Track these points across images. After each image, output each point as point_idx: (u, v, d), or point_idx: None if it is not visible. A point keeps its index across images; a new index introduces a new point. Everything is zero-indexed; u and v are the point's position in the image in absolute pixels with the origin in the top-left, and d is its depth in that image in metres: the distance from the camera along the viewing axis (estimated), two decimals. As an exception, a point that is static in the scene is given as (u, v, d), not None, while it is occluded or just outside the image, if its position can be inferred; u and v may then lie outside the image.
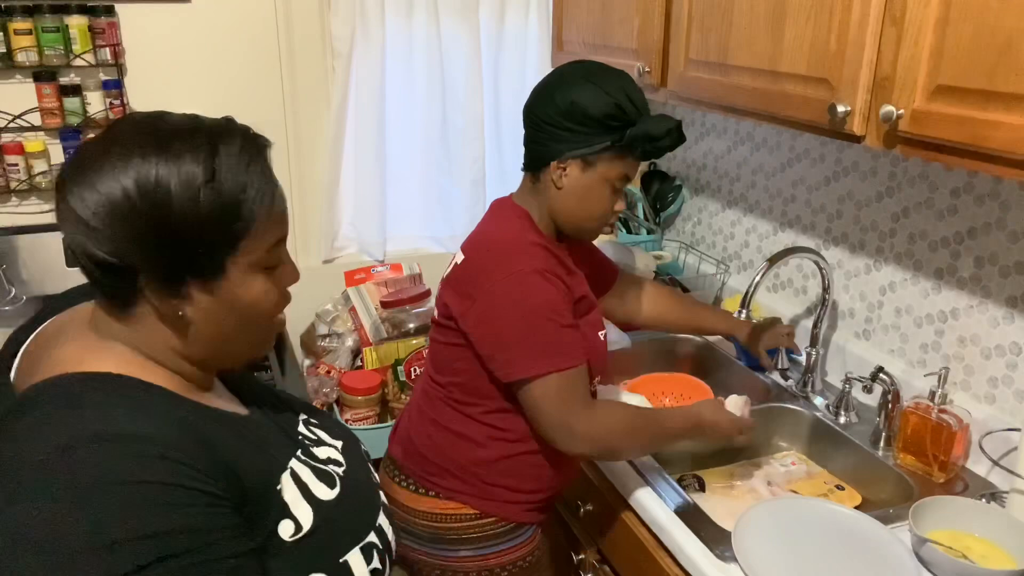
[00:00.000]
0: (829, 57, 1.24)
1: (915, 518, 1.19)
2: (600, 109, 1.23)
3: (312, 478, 0.84)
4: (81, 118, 1.96)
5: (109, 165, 0.71)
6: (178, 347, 0.78)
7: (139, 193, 0.70)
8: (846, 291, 1.72)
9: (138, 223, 0.70)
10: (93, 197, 0.70)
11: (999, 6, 0.97)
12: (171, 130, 0.74)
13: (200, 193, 0.71)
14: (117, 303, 0.76)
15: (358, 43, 2.14)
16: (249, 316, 0.79)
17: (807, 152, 1.80)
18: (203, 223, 0.72)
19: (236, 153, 0.75)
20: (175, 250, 0.72)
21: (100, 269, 0.73)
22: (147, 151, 0.71)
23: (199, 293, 0.75)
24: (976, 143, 1.02)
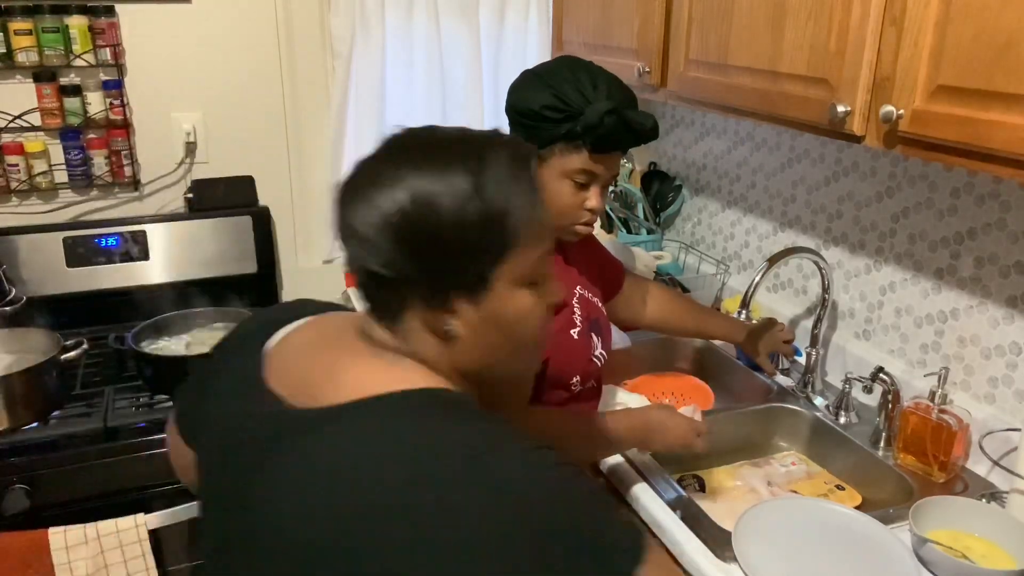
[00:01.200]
0: (829, 57, 1.24)
1: (915, 518, 1.19)
2: (539, 101, 1.20)
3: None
4: (81, 118, 1.96)
5: (385, 180, 0.73)
6: (450, 360, 0.78)
7: (412, 206, 0.71)
8: (846, 291, 1.72)
9: (410, 236, 0.72)
10: (369, 213, 0.72)
11: (999, 6, 0.97)
12: (439, 142, 0.75)
13: (468, 205, 0.71)
14: (391, 315, 0.77)
15: (358, 43, 2.14)
16: (515, 332, 0.79)
17: (807, 152, 1.80)
18: (470, 235, 0.72)
19: (503, 165, 0.74)
20: (444, 263, 0.73)
21: (373, 282, 0.75)
22: (419, 165, 0.73)
23: (466, 307, 0.75)
24: (976, 143, 1.02)
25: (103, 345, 1.83)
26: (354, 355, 0.78)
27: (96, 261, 1.99)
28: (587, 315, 1.37)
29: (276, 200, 2.20)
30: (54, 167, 1.99)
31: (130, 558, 1.52)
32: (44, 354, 1.61)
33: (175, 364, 1.74)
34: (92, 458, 1.57)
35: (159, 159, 2.09)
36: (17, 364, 1.63)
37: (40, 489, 1.53)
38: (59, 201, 2.03)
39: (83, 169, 2.00)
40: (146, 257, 2.03)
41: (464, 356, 0.78)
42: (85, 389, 1.74)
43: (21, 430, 1.56)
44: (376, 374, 0.75)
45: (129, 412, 1.66)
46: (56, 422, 1.60)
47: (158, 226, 2.04)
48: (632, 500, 1.37)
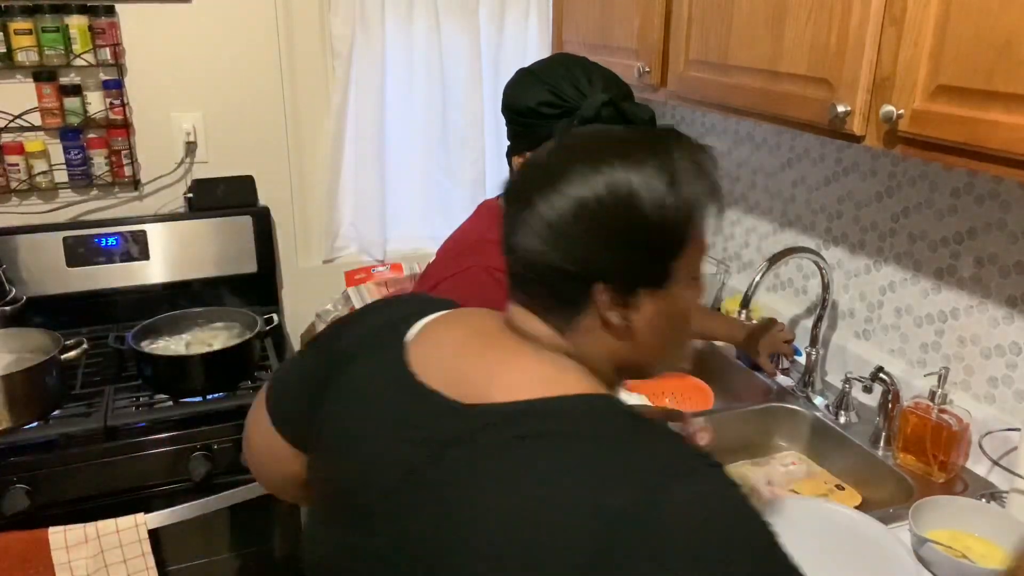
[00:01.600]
0: (829, 57, 1.24)
1: (915, 518, 1.19)
2: (535, 98, 1.20)
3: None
4: (81, 118, 1.96)
5: (577, 172, 0.71)
6: (616, 358, 0.76)
7: (610, 198, 0.70)
8: (846, 291, 1.72)
9: (608, 227, 0.70)
10: (562, 202, 0.70)
11: (999, 6, 0.97)
12: (626, 139, 0.74)
13: (665, 199, 0.71)
14: (561, 314, 0.74)
15: (358, 43, 2.14)
16: (682, 326, 0.78)
17: (807, 152, 1.80)
18: (665, 229, 0.71)
19: (689, 160, 0.74)
20: (638, 256, 0.72)
21: (555, 277, 0.72)
22: (612, 159, 0.71)
23: (648, 301, 0.74)
24: (976, 143, 1.02)
25: (103, 345, 1.83)
26: (517, 353, 0.75)
27: (96, 261, 1.99)
28: None
29: (276, 200, 2.20)
30: (54, 167, 1.99)
31: (130, 558, 1.52)
32: (44, 354, 1.61)
33: (175, 364, 1.74)
34: (92, 458, 1.57)
35: (159, 159, 2.08)
36: (17, 364, 1.63)
37: (40, 489, 1.53)
38: (59, 201, 2.03)
39: (83, 169, 2.00)
40: (146, 257, 2.03)
41: (633, 351, 0.76)
42: (85, 389, 1.74)
43: (21, 430, 1.56)
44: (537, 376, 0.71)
45: (129, 412, 1.66)
46: (56, 422, 1.60)
47: (158, 226, 2.04)
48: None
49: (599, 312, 0.73)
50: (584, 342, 0.75)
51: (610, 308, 0.73)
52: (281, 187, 2.21)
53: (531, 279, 0.74)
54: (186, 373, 1.73)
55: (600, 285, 0.71)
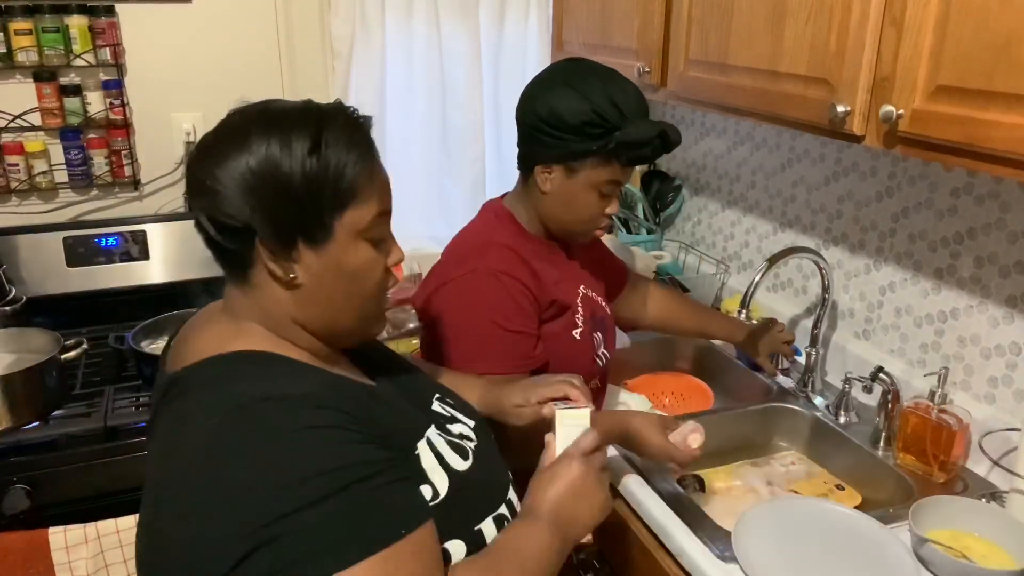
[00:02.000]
0: (829, 57, 1.24)
1: (915, 518, 1.19)
2: (578, 116, 1.21)
3: (447, 449, 0.91)
4: (81, 118, 1.96)
5: (233, 141, 0.82)
6: (294, 313, 0.86)
7: (255, 160, 0.80)
8: (846, 291, 1.72)
9: (253, 185, 0.80)
10: (219, 170, 0.81)
11: (999, 6, 0.97)
12: (283, 111, 0.85)
13: (306, 160, 0.81)
14: (240, 271, 0.85)
15: (358, 43, 2.14)
16: (356, 284, 0.86)
17: (807, 152, 1.80)
18: (308, 185, 0.81)
19: (339, 128, 0.84)
20: (285, 209, 0.81)
21: (222, 232, 0.82)
22: (264, 128, 0.82)
23: (309, 254, 0.83)
24: (976, 143, 1.02)
25: (103, 345, 1.83)
26: (209, 326, 0.89)
27: (96, 261, 1.99)
28: (590, 314, 1.37)
29: (276, 200, 2.20)
30: (54, 167, 1.99)
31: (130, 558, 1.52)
32: (44, 354, 1.61)
33: (175, 364, 1.74)
34: (92, 458, 1.57)
35: (159, 159, 2.08)
36: (17, 364, 1.62)
37: (40, 489, 1.53)
38: (59, 201, 2.03)
39: (83, 169, 2.00)
40: (146, 257, 2.03)
41: (307, 307, 0.86)
42: (85, 389, 1.74)
43: (21, 430, 1.56)
44: (215, 339, 0.85)
45: (129, 412, 1.66)
46: (56, 422, 1.60)
47: (158, 226, 2.04)
48: (632, 500, 1.37)
49: (264, 264, 0.83)
50: (262, 299, 0.86)
51: (272, 260, 0.83)
52: (281, 187, 2.21)
53: (211, 242, 0.84)
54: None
55: (259, 237, 0.82)
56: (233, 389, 0.78)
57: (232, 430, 0.75)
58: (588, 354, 1.36)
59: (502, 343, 1.23)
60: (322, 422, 0.76)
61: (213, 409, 0.77)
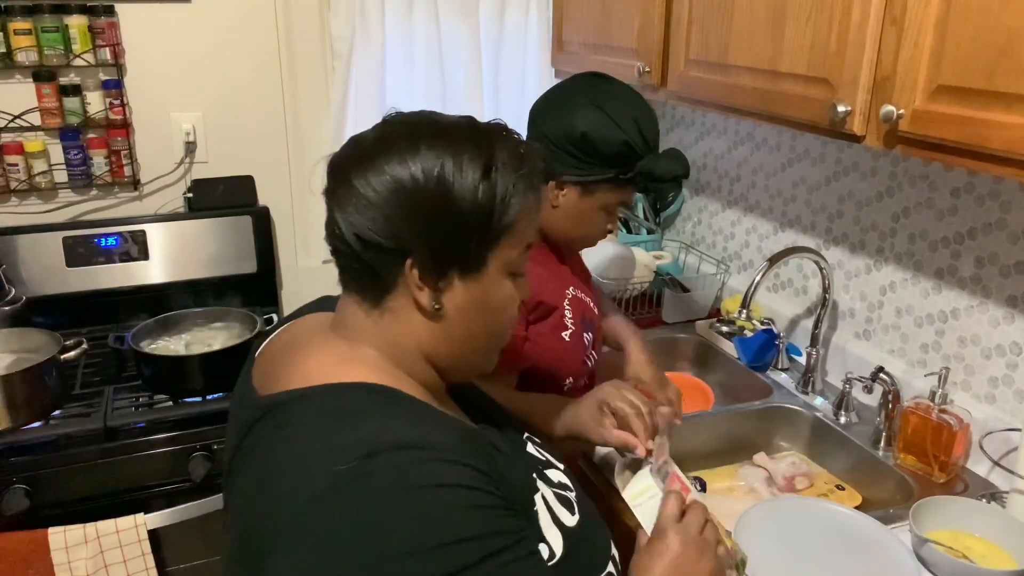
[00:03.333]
0: (829, 57, 1.24)
1: (915, 518, 1.19)
2: (610, 146, 1.22)
3: (555, 502, 0.84)
4: (81, 118, 1.96)
5: (396, 151, 0.75)
6: (426, 346, 0.79)
7: (424, 177, 0.74)
8: (846, 291, 1.72)
9: (420, 206, 0.74)
10: (380, 179, 0.74)
11: (999, 6, 0.97)
12: (451, 126, 0.79)
13: (479, 187, 0.75)
14: (374, 293, 0.78)
15: (358, 43, 2.14)
16: (496, 319, 0.82)
17: (807, 152, 1.80)
18: (477, 214, 0.75)
19: (509, 154, 0.78)
20: (448, 236, 0.75)
21: (369, 251, 0.76)
22: (432, 142, 0.75)
23: (459, 285, 0.78)
24: (976, 143, 1.02)
25: (103, 345, 1.83)
26: (318, 346, 0.81)
27: (96, 261, 1.99)
28: (579, 315, 1.37)
29: (276, 200, 2.20)
30: (54, 167, 1.99)
31: (130, 558, 1.52)
32: (44, 354, 1.61)
33: (175, 364, 1.74)
34: (92, 458, 1.57)
35: (159, 159, 2.08)
36: (17, 364, 1.63)
37: (40, 489, 1.53)
38: (59, 201, 2.03)
39: (83, 169, 2.00)
40: (146, 257, 2.03)
41: (442, 340, 0.79)
42: (85, 389, 1.74)
43: (21, 430, 1.56)
44: (328, 363, 0.77)
45: (129, 412, 1.66)
46: (56, 422, 1.60)
47: (158, 226, 2.04)
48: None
49: (409, 290, 0.77)
50: (394, 323, 0.79)
51: (420, 286, 0.76)
52: (281, 187, 2.21)
53: (349, 255, 0.78)
54: (186, 373, 1.73)
55: (411, 260, 0.75)
56: (361, 429, 0.69)
57: (363, 480, 0.66)
58: (579, 355, 1.36)
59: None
60: (460, 481, 0.68)
61: (338, 450, 0.67)
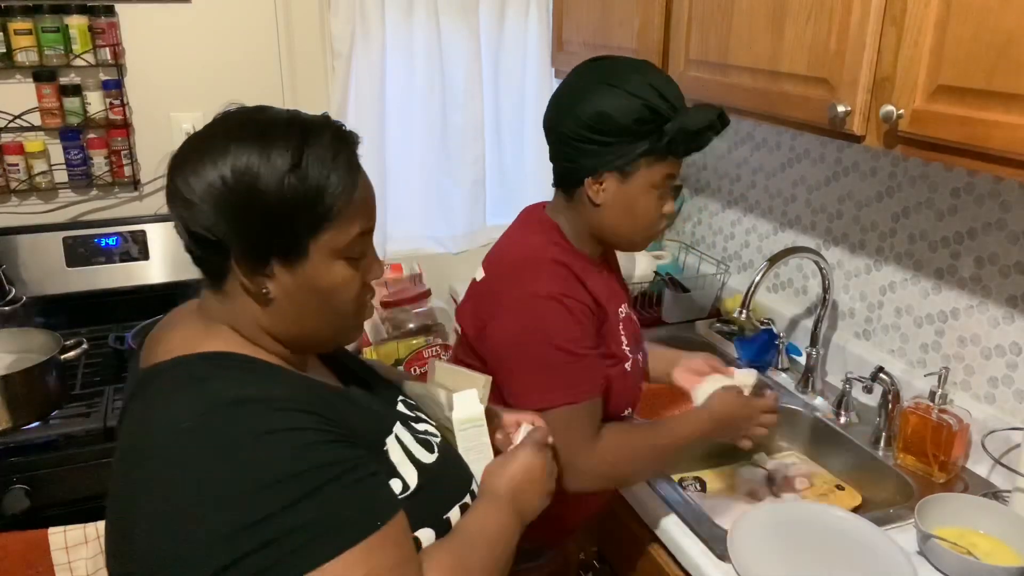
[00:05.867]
0: (829, 57, 1.24)
1: (921, 515, 1.19)
2: (629, 115, 1.12)
3: (414, 443, 0.93)
4: (81, 118, 1.96)
5: (211, 150, 0.80)
6: (265, 324, 0.85)
7: (232, 174, 0.78)
8: (846, 291, 1.72)
9: (229, 201, 0.79)
10: (194, 178, 0.79)
11: (999, 6, 0.97)
12: (268, 121, 0.82)
13: (285, 178, 0.79)
14: (215, 278, 0.85)
15: (358, 43, 2.14)
16: (329, 300, 0.86)
17: (807, 152, 1.80)
18: (286, 205, 0.79)
19: (324, 146, 0.82)
20: (259, 228, 0.80)
21: (196, 243, 0.82)
22: (244, 139, 0.80)
23: (283, 272, 0.82)
24: (976, 143, 1.02)
25: (103, 345, 1.83)
26: (181, 325, 0.88)
27: (96, 261, 1.99)
28: (632, 338, 1.30)
29: (276, 200, 2.20)
30: (54, 167, 1.99)
31: (130, 558, 1.52)
32: (44, 354, 1.61)
33: (175, 364, 1.73)
34: (92, 458, 1.57)
35: (159, 159, 2.08)
36: (17, 364, 1.62)
37: (40, 489, 1.53)
38: (59, 201, 2.03)
39: (83, 169, 2.00)
40: (146, 257, 2.03)
41: (279, 321, 0.85)
42: (85, 389, 1.74)
43: (21, 430, 1.56)
44: (187, 338, 0.85)
45: (129, 412, 1.66)
46: (56, 422, 1.60)
47: (158, 226, 2.04)
48: (633, 501, 1.37)
49: (239, 278, 0.82)
50: (235, 308, 0.85)
51: (245, 275, 0.82)
52: (281, 187, 2.21)
53: (186, 245, 0.84)
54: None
55: (233, 252, 0.81)
56: (204, 390, 0.78)
57: (205, 433, 0.75)
58: (637, 383, 1.30)
59: (581, 367, 1.15)
60: (293, 424, 0.77)
61: (184, 411, 0.77)
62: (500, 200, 2.46)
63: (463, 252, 2.42)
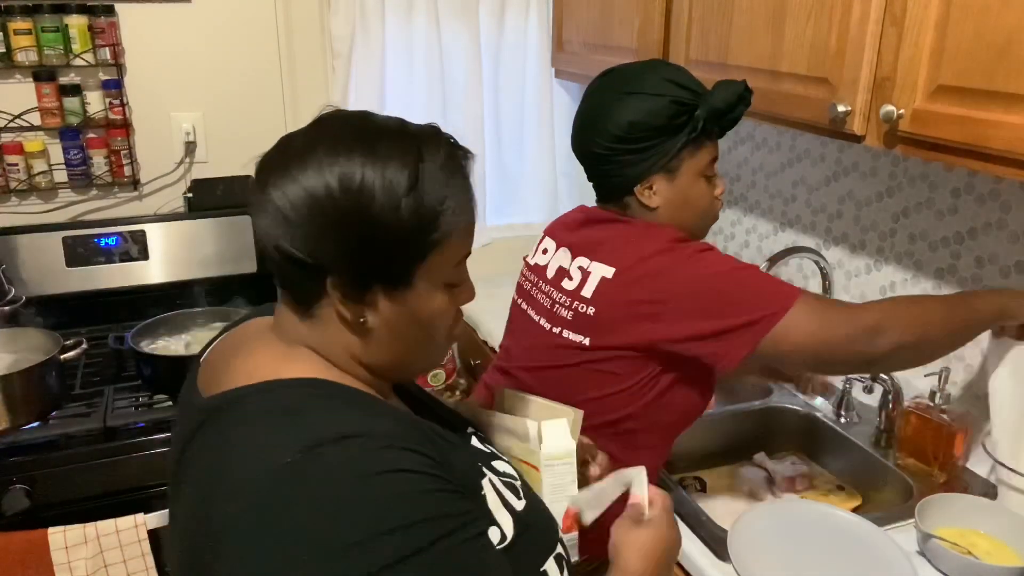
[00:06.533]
0: (829, 57, 1.24)
1: (921, 515, 1.19)
2: (661, 114, 1.13)
3: (503, 487, 0.83)
4: (81, 118, 1.96)
5: (315, 160, 0.70)
6: (357, 354, 0.77)
7: (342, 191, 0.69)
8: (846, 291, 1.72)
9: (336, 221, 0.69)
10: (294, 190, 0.69)
11: (999, 6, 0.97)
12: (378, 131, 0.73)
13: (402, 201, 0.70)
14: (300, 303, 0.75)
15: (358, 43, 2.14)
16: (428, 330, 0.78)
17: (807, 152, 1.80)
18: (400, 230, 0.70)
19: (440, 164, 0.73)
20: (368, 254, 0.71)
21: (290, 265, 0.72)
22: (353, 150, 0.70)
23: (384, 301, 0.74)
24: (976, 143, 1.02)
25: (103, 345, 1.83)
26: (258, 347, 0.78)
27: (96, 261, 1.99)
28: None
29: (276, 200, 2.20)
30: (53, 167, 1.99)
31: (130, 558, 1.52)
32: (44, 354, 1.61)
33: (175, 364, 1.73)
34: (92, 458, 1.57)
35: (159, 159, 2.08)
36: (17, 364, 1.62)
37: (40, 489, 1.53)
38: (58, 201, 2.03)
39: (83, 169, 2.00)
40: (145, 257, 2.03)
41: (374, 351, 0.77)
42: (85, 389, 1.74)
43: (21, 430, 1.56)
44: (268, 362, 0.75)
45: (129, 412, 1.66)
46: (56, 422, 1.60)
47: (157, 226, 2.04)
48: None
49: (334, 305, 0.73)
50: (324, 333, 0.76)
51: (343, 303, 0.72)
52: (281, 187, 2.21)
53: (272, 263, 0.74)
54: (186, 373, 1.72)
55: (332, 278, 0.71)
56: (303, 422, 0.68)
57: (310, 471, 0.65)
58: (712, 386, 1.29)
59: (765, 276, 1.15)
60: (403, 465, 0.67)
61: (283, 444, 0.66)
62: (500, 200, 2.46)
63: (463, 252, 2.42)
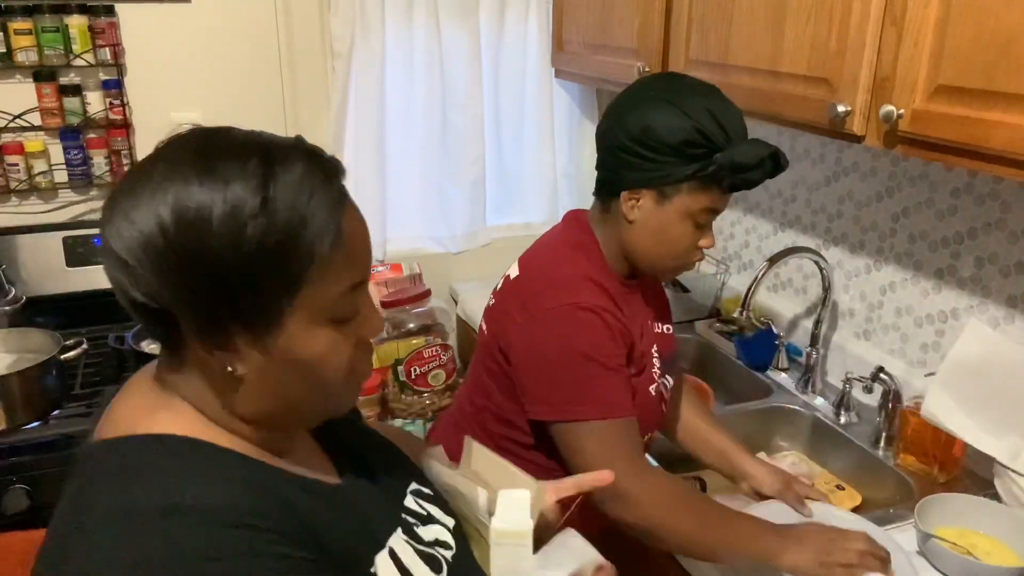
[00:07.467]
0: (829, 57, 1.24)
1: (921, 514, 1.19)
2: (677, 135, 1.07)
3: (415, 560, 0.73)
4: (81, 118, 1.96)
5: (147, 192, 0.60)
6: (236, 407, 0.67)
7: (174, 224, 0.59)
8: (846, 291, 1.72)
9: (173, 262, 0.60)
10: (128, 230, 0.60)
11: (999, 6, 0.97)
12: (218, 148, 0.63)
13: (247, 226, 0.60)
14: (168, 351, 0.67)
15: (358, 43, 2.14)
16: (314, 373, 0.67)
17: (807, 152, 1.80)
18: (250, 262, 0.60)
19: (297, 179, 0.62)
20: (215, 293, 0.61)
21: (138, 312, 0.64)
22: (189, 175, 0.60)
23: (249, 347, 0.64)
24: (976, 143, 1.02)
25: (103, 345, 1.83)
26: (136, 392, 0.71)
27: (96, 261, 1.99)
28: (663, 356, 1.26)
29: (276, 200, 2.20)
30: (54, 167, 1.99)
31: (130, 558, 1.52)
32: (44, 354, 1.61)
33: (175, 364, 1.73)
34: (92, 458, 1.57)
35: (159, 159, 2.08)
36: (17, 364, 1.62)
37: (40, 489, 1.53)
38: (59, 201, 2.03)
39: (83, 169, 2.00)
40: (146, 257, 2.03)
41: (250, 401, 0.67)
42: (85, 389, 1.74)
43: (21, 430, 1.56)
44: (133, 414, 0.68)
45: (129, 412, 1.66)
46: (56, 422, 1.60)
47: (158, 226, 2.03)
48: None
49: (196, 352, 0.64)
50: (196, 382, 0.67)
51: (205, 351, 0.63)
52: (281, 187, 2.21)
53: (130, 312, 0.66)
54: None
55: (184, 324, 0.62)
56: (132, 490, 0.61)
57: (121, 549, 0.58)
58: (659, 406, 1.27)
59: (614, 381, 1.11)
60: (231, 549, 0.59)
61: (105, 515, 0.60)
62: (500, 200, 2.47)
63: (463, 252, 2.42)
